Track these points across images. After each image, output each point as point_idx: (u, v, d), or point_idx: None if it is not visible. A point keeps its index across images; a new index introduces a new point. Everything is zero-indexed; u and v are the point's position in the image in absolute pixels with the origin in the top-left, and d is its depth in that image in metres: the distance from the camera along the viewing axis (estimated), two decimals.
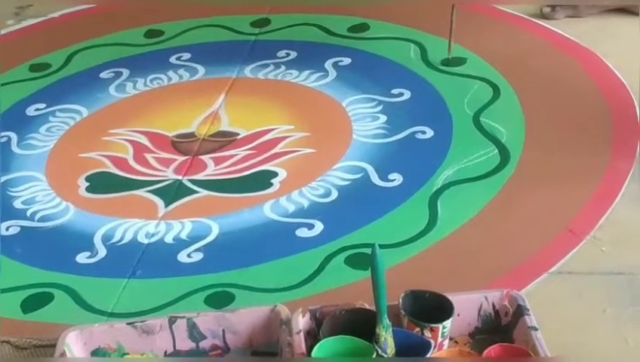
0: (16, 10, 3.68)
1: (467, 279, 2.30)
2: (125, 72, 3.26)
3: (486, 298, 2.06)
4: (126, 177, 2.78)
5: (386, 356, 1.92)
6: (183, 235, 2.55)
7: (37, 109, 3.12)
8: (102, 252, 2.52)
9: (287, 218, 2.58)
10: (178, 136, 2.94)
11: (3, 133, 3.00)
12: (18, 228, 2.62)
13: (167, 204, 2.66)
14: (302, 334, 1.99)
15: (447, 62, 3.13)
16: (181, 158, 2.84)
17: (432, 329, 1.97)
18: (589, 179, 2.59)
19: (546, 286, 2.28)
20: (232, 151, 2.85)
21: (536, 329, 1.97)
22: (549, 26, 3.30)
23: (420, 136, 2.84)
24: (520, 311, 2.02)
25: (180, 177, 2.76)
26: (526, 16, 3.37)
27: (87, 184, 2.77)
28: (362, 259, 2.37)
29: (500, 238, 2.44)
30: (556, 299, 2.23)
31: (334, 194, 2.65)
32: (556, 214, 2.50)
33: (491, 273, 2.32)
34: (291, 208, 2.61)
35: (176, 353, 2.07)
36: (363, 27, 3.39)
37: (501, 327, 2.05)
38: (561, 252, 2.37)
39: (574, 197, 2.54)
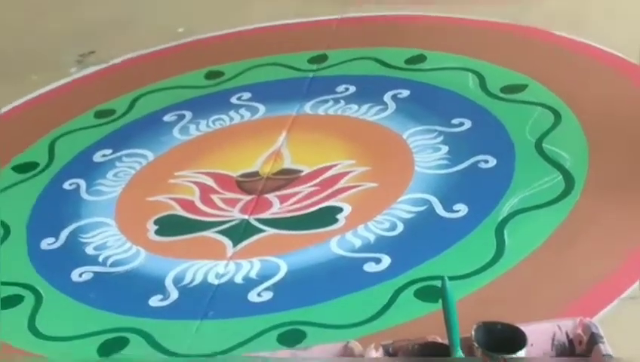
0: (79, 58, 3.76)
1: (538, 308, 2.29)
2: (188, 115, 3.31)
3: (559, 327, 2.05)
4: (194, 219, 2.82)
5: None
6: (253, 274, 2.58)
7: (104, 155, 3.18)
8: (174, 294, 2.55)
9: (354, 253, 2.60)
10: (242, 175, 2.97)
11: (72, 181, 3.06)
12: (91, 274, 2.67)
13: (235, 244, 2.69)
14: None
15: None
16: (246, 198, 2.87)
17: (505, 361, 1.96)
18: None
19: (619, 312, 2.27)
20: (296, 189, 2.88)
21: (611, 356, 1.96)
22: (609, 49, 3.28)
23: (482, 165, 2.84)
24: (594, 339, 2.00)
25: (246, 216, 2.80)
26: (584, 40, 3.35)
27: (156, 227, 2.81)
28: (432, 292, 2.38)
29: (569, 265, 2.43)
30: (629, 325, 2.22)
31: (400, 228, 2.66)
32: (624, 238, 2.48)
33: (562, 301, 2.31)
34: (358, 243, 2.63)
35: None
36: (420, 58, 3.41)
37: (576, 356, 2.04)
38: (632, 276, 2.35)
39: None
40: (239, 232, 2.73)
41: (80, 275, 2.67)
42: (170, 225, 2.81)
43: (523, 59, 3.25)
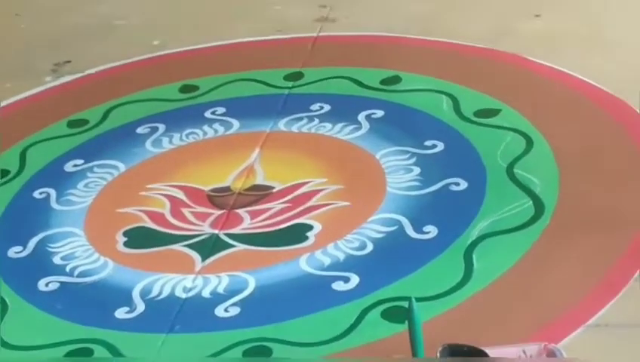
0: (54, 67, 3.75)
1: (504, 332, 2.30)
2: (161, 127, 3.30)
3: (524, 351, 2.06)
4: (163, 232, 2.81)
5: None
6: (220, 289, 2.57)
7: (75, 165, 3.16)
8: (140, 307, 2.54)
9: (323, 271, 2.60)
10: (214, 190, 2.97)
11: (42, 190, 3.05)
12: (58, 284, 2.66)
13: (203, 258, 2.69)
14: None
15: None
16: (217, 212, 2.86)
17: None
18: (626, 229, 2.59)
19: (584, 338, 2.28)
20: (268, 205, 2.87)
21: None
22: (582, 76, 3.30)
23: (453, 187, 2.85)
24: None
25: (216, 231, 2.79)
26: (558, 67, 3.38)
27: (125, 239, 2.80)
28: (399, 313, 2.38)
29: (536, 290, 2.44)
30: (594, 352, 2.23)
31: (369, 247, 2.66)
32: (593, 265, 2.50)
33: (528, 326, 2.32)
34: (327, 261, 2.63)
35: None
36: (395, 79, 3.42)
37: None
38: (599, 304, 2.37)
39: (611, 248, 2.53)
40: (208, 247, 2.73)
41: (46, 285, 2.66)
42: (139, 238, 2.80)
43: (497, 84, 3.27)
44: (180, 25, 3.94)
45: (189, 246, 2.74)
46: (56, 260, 2.74)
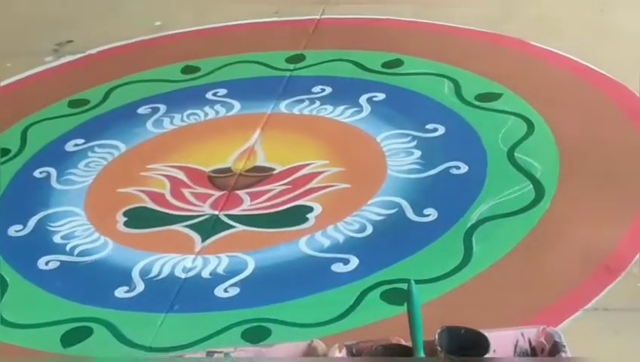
0: (55, 47, 3.74)
1: (503, 315, 2.31)
2: (162, 108, 3.30)
3: (522, 334, 2.06)
4: (163, 212, 2.82)
5: None
6: (220, 270, 2.58)
7: (76, 145, 3.16)
8: (140, 286, 2.55)
9: (323, 253, 2.61)
10: (214, 171, 2.97)
11: (42, 169, 3.05)
12: (58, 263, 2.66)
13: (203, 239, 2.69)
14: None
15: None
16: (217, 193, 2.87)
17: None
18: (625, 214, 2.60)
19: (582, 322, 2.29)
20: (268, 187, 2.88)
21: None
22: (583, 61, 3.30)
23: (454, 171, 2.86)
24: (556, 348, 2.01)
25: (216, 212, 2.79)
26: (560, 52, 3.38)
27: (125, 219, 2.80)
28: (398, 294, 2.39)
29: (535, 274, 2.45)
30: (592, 336, 2.23)
31: (369, 230, 2.66)
32: (592, 250, 2.50)
33: (527, 309, 2.32)
34: (327, 243, 2.63)
35: None
36: (397, 63, 3.42)
37: None
38: (597, 288, 2.38)
39: (610, 233, 2.54)
40: (208, 227, 2.73)
41: (46, 263, 2.66)
42: (139, 218, 2.81)
43: (499, 68, 3.26)
44: (181, 6, 3.93)
45: (189, 226, 2.74)
46: (57, 239, 2.75)
